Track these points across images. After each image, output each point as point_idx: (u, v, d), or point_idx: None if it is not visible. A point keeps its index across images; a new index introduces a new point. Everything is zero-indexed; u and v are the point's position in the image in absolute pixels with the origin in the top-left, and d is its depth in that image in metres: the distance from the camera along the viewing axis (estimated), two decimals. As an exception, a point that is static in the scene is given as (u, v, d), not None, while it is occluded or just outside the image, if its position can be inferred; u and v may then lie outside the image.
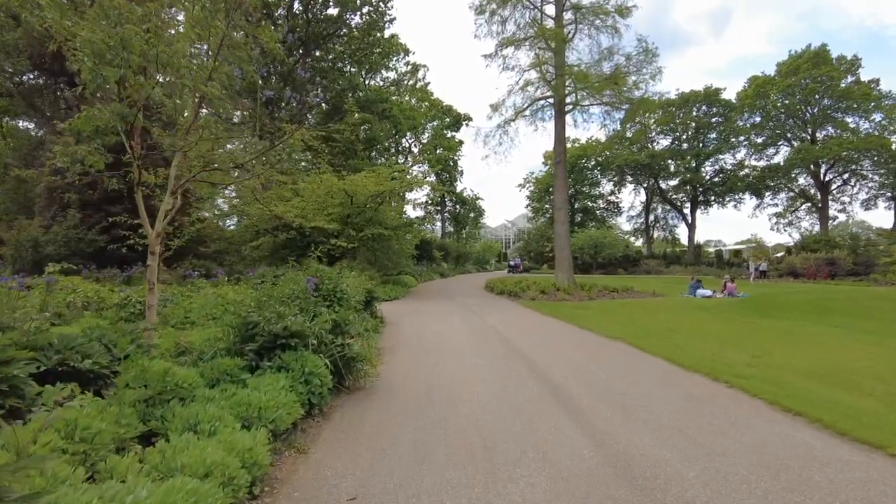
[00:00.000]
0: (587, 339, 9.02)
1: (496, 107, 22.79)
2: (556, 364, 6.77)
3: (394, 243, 20.69)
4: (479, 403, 4.94)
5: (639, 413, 4.66)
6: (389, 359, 6.97)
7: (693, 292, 21.13)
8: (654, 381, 5.88)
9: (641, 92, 22.03)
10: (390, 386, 5.62)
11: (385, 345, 8.10)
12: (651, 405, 4.90)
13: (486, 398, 5.10)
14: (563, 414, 4.64)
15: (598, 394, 5.32)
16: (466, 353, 7.43)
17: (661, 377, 6.11)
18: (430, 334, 9.31)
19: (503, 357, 7.17)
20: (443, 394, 5.28)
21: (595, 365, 6.78)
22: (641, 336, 9.38)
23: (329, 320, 5.27)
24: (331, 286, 7.14)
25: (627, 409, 4.76)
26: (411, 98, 47.91)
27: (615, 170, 53.93)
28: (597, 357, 7.35)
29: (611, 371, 6.39)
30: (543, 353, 7.47)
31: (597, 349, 8.03)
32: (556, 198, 22.65)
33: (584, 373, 6.29)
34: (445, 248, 46.60)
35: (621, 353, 7.74)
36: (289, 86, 24.65)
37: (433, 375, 6.11)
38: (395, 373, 6.23)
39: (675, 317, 13.22)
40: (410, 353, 7.44)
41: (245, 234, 18.79)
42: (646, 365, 6.83)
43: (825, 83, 45.83)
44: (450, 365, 6.65)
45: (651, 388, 5.57)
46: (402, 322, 11.17)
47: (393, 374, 6.14)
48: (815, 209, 50.05)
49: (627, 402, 5.00)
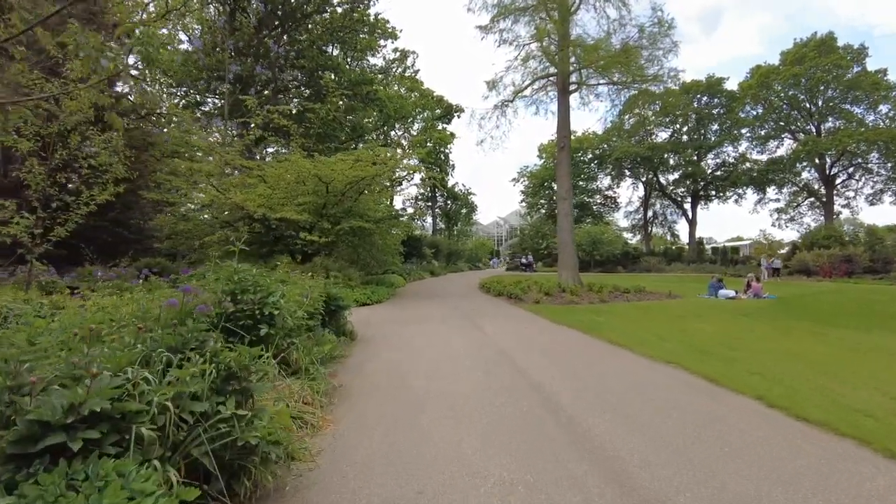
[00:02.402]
0: (630, 365, 6.57)
1: (493, 84, 20.28)
2: (621, 432, 4.32)
3: (377, 238, 18.14)
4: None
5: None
6: (344, 416, 4.39)
7: (714, 293, 18.84)
8: (783, 460, 3.45)
9: (656, 69, 19.67)
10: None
11: (347, 381, 5.57)
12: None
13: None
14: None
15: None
16: (469, 403, 4.81)
17: (785, 445, 3.69)
18: (415, 361, 6.78)
19: (529, 414, 4.65)
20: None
21: (674, 426, 4.33)
22: (697, 357, 6.98)
23: (206, 372, 2.75)
24: (255, 297, 4.61)
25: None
26: (400, 87, 45.30)
27: (613, 163, 51.66)
28: (669, 405, 4.89)
29: (710, 442, 3.95)
30: (587, 400, 4.96)
31: (657, 389, 5.58)
32: (560, 187, 20.23)
33: (674, 453, 3.85)
34: (436, 246, 44.07)
35: (689, 389, 5.28)
36: (260, 62, 21.93)
37: (416, 468, 3.30)
38: (346, 462, 3.50)
39: (716, 326, 10.84)
40: (380, 403, 4.69)
41: (202, 227, 16.12)
42: (741, 417, 4.39)
43: (832, 72, 43.96)
44: (445, 436, 3.87)
45: (799, 482, 3.13)
46: (378, 339, 8.64)
47: (340, 468, 3.43)
48: (820, 204, 48.27)
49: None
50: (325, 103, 20.81)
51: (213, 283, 4.80)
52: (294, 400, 4.16)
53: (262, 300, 4.64)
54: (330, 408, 4.49)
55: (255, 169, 16.25)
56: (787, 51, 47.39)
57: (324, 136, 23.13)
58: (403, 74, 45.31)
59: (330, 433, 3.91)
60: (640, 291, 18.53)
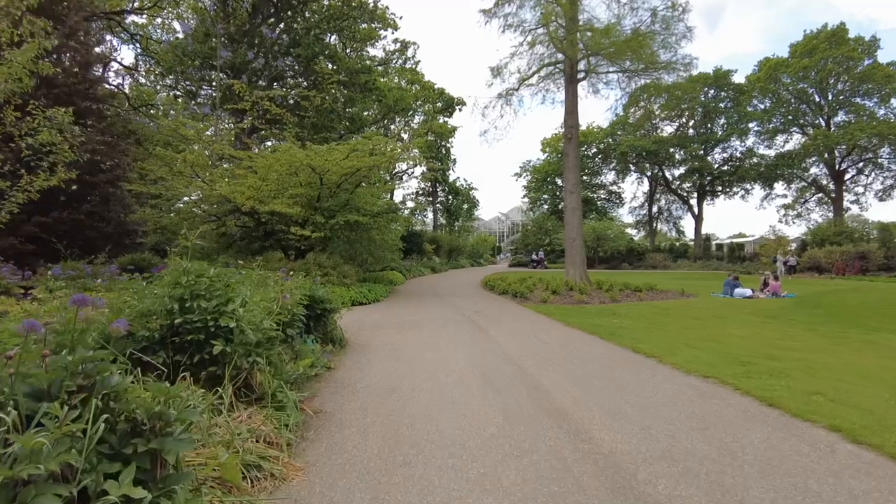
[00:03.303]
0: (670, 385, 5.59)
1: (497, 70, 19.20)
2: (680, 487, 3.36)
3: (375, 234, 17.16)
4: None
5: None
6: (318, 460, 3.26)
7: (730, 292, 17.86)
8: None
9: (670, 55, 18.61)
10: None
11: (330, 405, 4.59)
12: None
13: None
14: None
15: None
16: (482, 451, 3.88)
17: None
18: (412, 377, 5.79)
19: (555, 455, 3.69)
20: None
21: (743, 482, 3.37)
22: (740, 371, 6.00)
23: (90, 430, 1.79)
24: (210, 304, 3.64)
25: None
26: (400, 79, 44.20)
27: (618, 157, 50.54)
28: (734, 447, 3.92)
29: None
30: (648, 453, 3.98)
31: (724, 424, 4.61)
32: (567, 180, 19.20)
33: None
34: (437, 241, 43.05)
35: (752, 422, 4.31)
36: (254, 48, 20.87)
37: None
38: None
39: (745, 330, 9.86)
40: (368, 438, 3.84)
41: (189, 221, 15.13)
42: (824, 458, 3.43)
43: (843, 64, 42.83)
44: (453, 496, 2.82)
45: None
46: (371, 346, 7.66)
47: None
48: (829, 200, 47.19)
49: None
50: (321, 91, 19.78)
51: (158, 288, 3.83)
52: (253, 440, 3.19)
53: (217, 308, 3.66)
54: (302, 446, 3.52)
55: (245, 160, 15.27)
56: (796, 43, 46.13)
57: (320, 127, 22.11)
58: (404, 66, 44.19)
59: (297, 487, 2.94)
60: (652, 290, 17.56)
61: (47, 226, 11.55)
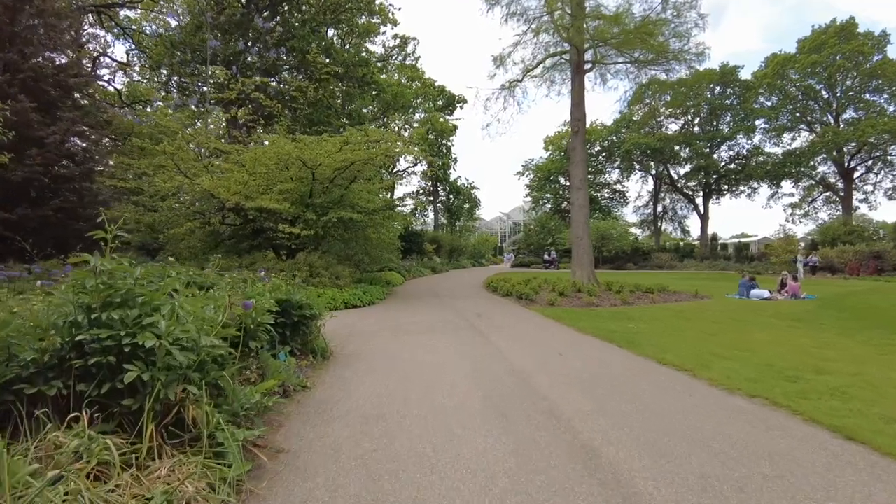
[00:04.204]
0: (707, 404, 4.66)
1: (500, 59, 18.24)
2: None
3: (371, 232, 16.22)
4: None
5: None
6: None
7: (746, 293, 16.90)
8: None
9: (682, 43, 17.67)
10: None
11: (298, 440, 3.67)
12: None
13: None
14: None
15: None
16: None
17: None
18: (404, 398, 4.81)
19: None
20: None
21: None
22: (791, 389, 5.07)
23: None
24: (130, 316, 2.72)
25: None
26: (400, 76, 43.30)
27: (623, 155, 49.55)
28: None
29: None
30: (678, 484, 3.01)
31: (777, 464, 3.68)
32: (574, 176, 18.27)
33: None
34: (438, 241, 42.11)
35: (837, 467, 3.38)
36: (246, 39, 19.96)
37: None
38: None
39: (774, 335, 8.93)
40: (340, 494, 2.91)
41: (173, 219, 14.22)
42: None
43: (853, 59, 41.81)
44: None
45: None
46: (360, 358, 6.71)
47: None
48: (838, 198, 46.18)
49: None
50: (313, 81, 18.85)
51: (61, 293, 2.92)
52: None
53: (136, 322, 2.74)
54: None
55: (232, 153, 14.36)
56: (804, 38, 45.15)
57: (315, 122, 21.18)
58: (404, 63, 43.29)
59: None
60: (664, 291, 16.62)
61: (12, 223, 10.64)
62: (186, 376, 2.88)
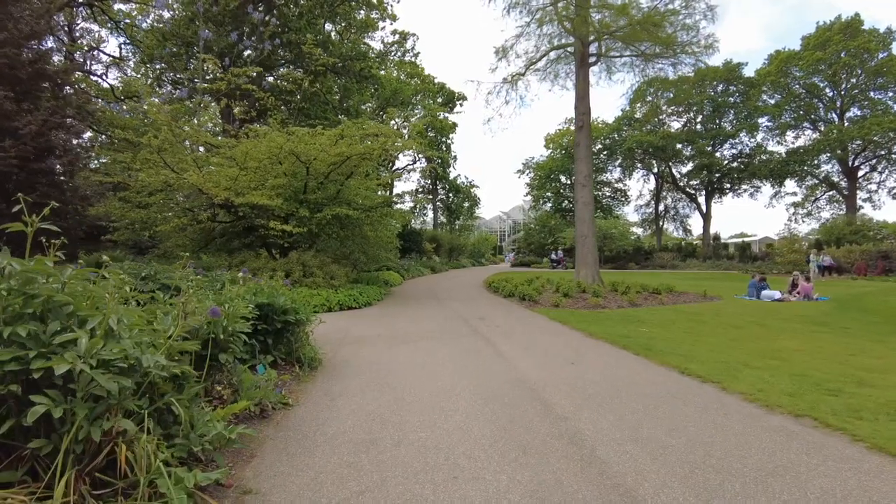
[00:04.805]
0: (750, 427, 4.06)
1: (503, 51, 17.59)
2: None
3: (368, 230, 15.59)
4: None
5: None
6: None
7: (756, 294, 16.33)
8: None
9: (690, 35, 17.05)
10: None
11: (271, 477, 3.06)
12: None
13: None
14: None
15: None
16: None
17: None
18: (399, 419, 4.12)
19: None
20: None
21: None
22: (839, 406, 4.48)
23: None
24: (45, 333, 2.09)
25: None
26: (399, 73, 42.60)
27: (624, 153, 48.94)
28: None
29: None
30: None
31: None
32: (578, 172, 17.65)
33: None
34: (437, 240, 41.46)
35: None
36: (239, 30, 19.29)
37: None
38: None
39: (800, 341, 8.33)
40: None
41: (161, 214, 13.58)
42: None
43: (858, 56, 41.23)
44: None
45: None
46: (352, 367, 6.07)
47: None
48: (841, 197, 45.65)
49: None
50: (308, 73, 18.21)
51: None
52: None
53: (48, 342, 2.12)
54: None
55: (223, 147, 13.73)
56: (808, 35, 44.55)
57: (311, 116, 20.54)
58: (403, 59, 42.62)
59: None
60: (672, 292, 16.02)
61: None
62: (121, 407, 2.26)
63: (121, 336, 2.32)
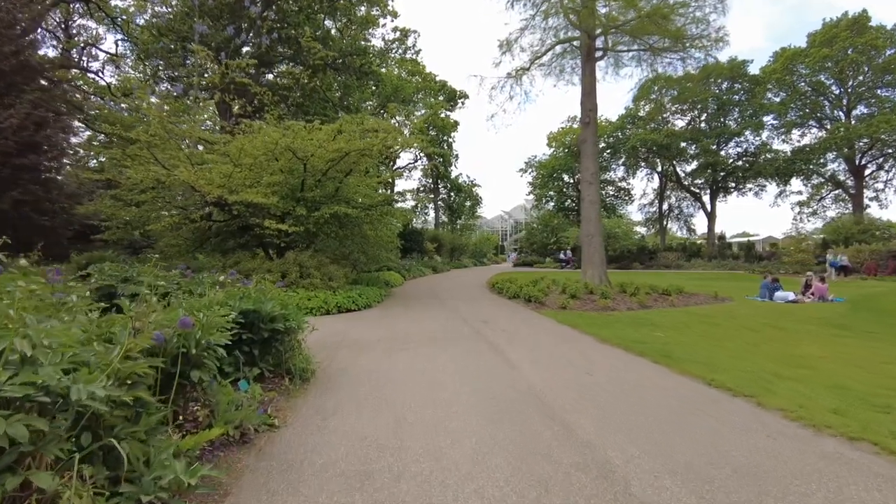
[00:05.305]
0: (803, 453, 3.57)
1: (507, 44, 17.06)
2: None
3: (367, 229, 15.09)
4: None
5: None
6: None
7: (769, 295, 15.81)
8: None
9: (700, 28, 16.53)
10: None
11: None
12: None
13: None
14: None
15: None
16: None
17: None
18: (398, 445, 3.56)
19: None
20: None
21: None
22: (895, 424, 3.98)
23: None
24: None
25: None
26: (401, 71, 42.06)
27: (628, 152, 48.34)
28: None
29: None
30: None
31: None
32: (585, 169, 17.14)
33: None
34: (438, 240, 40.96)
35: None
36: (236, 25, 18.79)
37: None
38: None
39: (821, 346, 7.83)
40: None
41: (152, 214, 13.08)
42: None
43: (867, 53, 40.62)
44: None
45: None
46: (346, 378, 5.56)
47: None
48: (848, 196, 45.03)
49: None
50: (307, 67, 17.71)
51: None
52: None
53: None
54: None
55: (218, 144, 13.25)
56: (815, 32, 43.90)
57: (309, 113, 20.05)
58: (404, 57, 42.10)
59: None
60: (681, 293, 15.49)
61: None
62: (47, 452, 1.76)
63: (39, 363, 1.82)
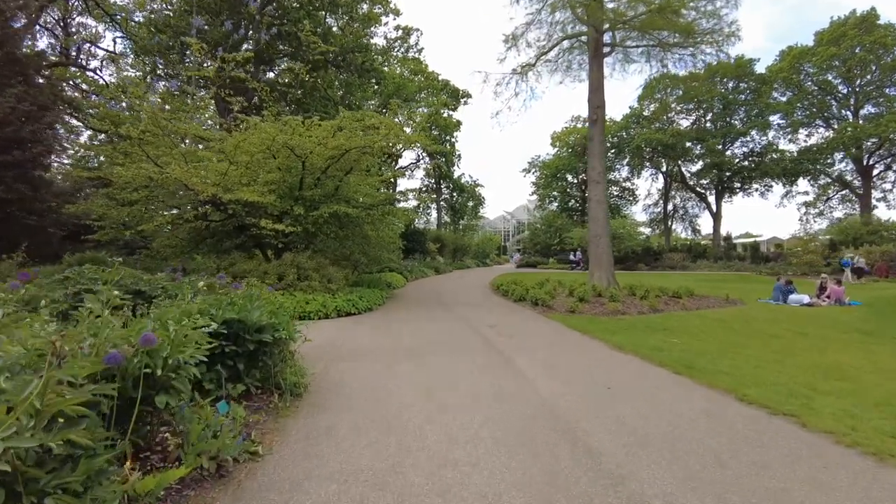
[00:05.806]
0: (867, 490, 3.08)
1: (513, 39, 16.55)
2: None
3: (368, 229, 14.61)
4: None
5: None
6: None
7: (783, 298, 15.27)
8: None
9: (712, 22, 16.01)
10: None
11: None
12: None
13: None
14: None
15: None
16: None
17: None
18: (398, 482, 2.99)
19: None
20: None
21: None
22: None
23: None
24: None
25: None
26: (403, 69, 41.61)
27: (633, 151, 47.78)
28: None
29: None
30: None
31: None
32: (592, 167, 16.63)
33: None
34: (441, 240, 40.48)
35: None
36: (234, 19, 18.35)
37: None
38: None
39: (850, 353, 7.31)
40: None
41: (145, 213, 12.63)
42: None
43: (875, 52, 40.04)
44: None
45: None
46: (343, 394, 5.02)
47: None
48: (855, 196, 44.44)
49: None
50: (306, 63, 17.27)
51: None
52: None
53: None
54: None
55: (214, 141, 12.79)
56: (822, 31, 43.31)
57: (309, 111, 19.61)
58: (406, 56, 41.65)
59: None
60: (693, 296, 14.98)
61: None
62: None
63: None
